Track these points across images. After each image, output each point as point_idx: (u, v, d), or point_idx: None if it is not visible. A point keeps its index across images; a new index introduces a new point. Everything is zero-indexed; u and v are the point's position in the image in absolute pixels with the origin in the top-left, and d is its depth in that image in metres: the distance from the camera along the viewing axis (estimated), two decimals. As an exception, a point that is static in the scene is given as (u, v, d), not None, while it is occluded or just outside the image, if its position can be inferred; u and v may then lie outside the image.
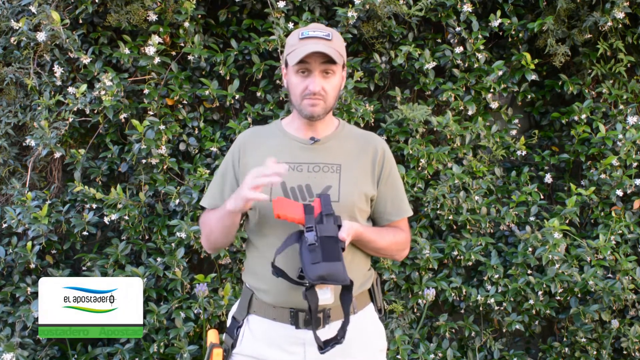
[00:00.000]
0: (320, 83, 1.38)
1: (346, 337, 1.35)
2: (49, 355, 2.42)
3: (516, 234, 2.56)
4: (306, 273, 1.24)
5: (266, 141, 1.51)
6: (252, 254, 1.50)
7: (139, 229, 2.43)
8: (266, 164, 1.30)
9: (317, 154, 1.47)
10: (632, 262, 2.48)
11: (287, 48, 1.44)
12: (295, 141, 1.48)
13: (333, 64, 1.39)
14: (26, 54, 2.41)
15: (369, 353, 1.50)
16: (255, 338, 1.44)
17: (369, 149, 1.51)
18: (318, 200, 1.35)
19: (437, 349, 2.54)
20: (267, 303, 1.43)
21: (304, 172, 1.44)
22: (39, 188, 2.54)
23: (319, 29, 1.41)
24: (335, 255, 1.25)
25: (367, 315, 1.52)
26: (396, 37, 2.51)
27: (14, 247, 2.40)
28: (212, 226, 1.48)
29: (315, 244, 1.26)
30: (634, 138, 2.48)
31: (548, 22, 2.43)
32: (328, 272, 1.23)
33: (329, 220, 1.30)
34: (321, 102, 1.40)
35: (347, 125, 1.58)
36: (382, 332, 1.56)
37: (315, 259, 1.24)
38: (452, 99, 2.54)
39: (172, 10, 2.37)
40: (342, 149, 1.49)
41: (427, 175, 2.53)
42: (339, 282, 1.25)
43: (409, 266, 2.53)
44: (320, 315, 1.40)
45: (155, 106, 2.41)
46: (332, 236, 1.28)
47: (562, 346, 2.63)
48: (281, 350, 1.42)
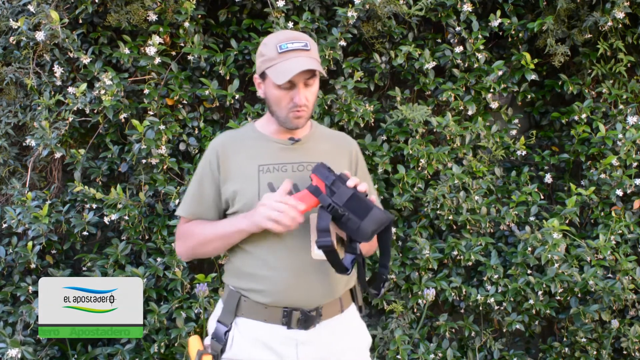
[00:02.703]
0: (304, 94, 1.39)
1: (335, 336, 1.43)
2: (49, 355, 2.42)
3: (516, 234, 2.56)
4: (358, 238, 1.28)
5: (246, 144, 1.49)
6: (240, 257, 1.47)
7: (139, 229, 2.43)
8: (284, 188, 1.32)
9: (298, 153, 1.48)
10: (632, 262, 2.48)
11: (263, 59, 1.40)
12: (275, 142, 1.48)
13: (314, 74, 1.39)
14: (26, 54, 2.41)
15: (356, 351, 1.51)
16: (247, 341, 1.43)
17: (344, 149, 1.56)
18: (314, 176, 1.35)
19: (437, 349, 2.54)
20: (260, 303, 1.42)
21: (289, 172, 1.44)
22: (39, 188, 2.54)
23: (297, 39, 1.39)
24: (366, 207, 1.28)
25: (352, 314, 1.54)
26: (396, 37, 2.51)
27: (14, 247, 2.40)
28: (206, 239, 1.44)
29: (345, 214, 1.28)
30: (634, 138, 2.48)
31: (548, 22, 2.43)
32: (374, 226, 1.27)
33: (337, 185, 1.31)
34: (305, 112, 1.42)
35: (319, 126, 1.60)
36: (366, 330, 1.58)
37: (355, 225, 1.27)
38: (452, 99, 2.54)
39: (172, 10, 2.37)
40: (319, 148, 1.51)
41: (427, 175, 2.53)
42: (387, 224, 1.30)
43: (409, 266, 2.53)
44: (314, 313, 1.41)
45: (155, 106, 2.41)
46: (351, 194, 1.30)
47: (562, 346, 2.63)
48: (273, 352, 1.41)
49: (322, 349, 1.43)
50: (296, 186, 1.42)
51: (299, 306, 1.40)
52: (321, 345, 1.43)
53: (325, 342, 1.44)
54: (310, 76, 1.38)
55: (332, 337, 1.45)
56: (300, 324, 1.40)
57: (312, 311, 1.41)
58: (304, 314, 1.40)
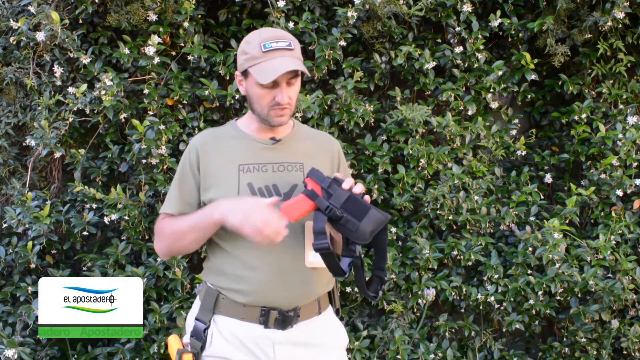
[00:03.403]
0: (287, 93, 1.39)
1: (314, 336, 1.45)
2: (49, 355, 2.42)
3: (516, 233, 2.56)
4: (357, 240, 1.28)
5: (226, 143, 1.48)
6: (218, 255, 1.46)
7: (139, 229, 2.43)
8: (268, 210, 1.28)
9: (279, 153, 1.47)
10: (632, 262, 2.48)
11: (246, 57, 1.39)
12: (257, 142, 1.47)
13: (297, 74, 1.39)
14: (26, 54, 2.41)
15: (333, 352, 1.51)
16: (225, 339, 1.43)
17: (326, 149, 1.55)
18: (309, 179, 1.34)
19: (437, 349, 2.54)
20: (237, 302, 1.41)
21: (269, 172, 1.43)
22: (39, 188, 2.54)
23: (281, 39, 1.38)
24: (363, 207, 1.28)
25: (330, 316, 1.55)
26: (396, 37, 2.51)
27: (14, 247, 2.40)
28: (181, 231, 1.41)
29: (343, 216, 1.28)
30: (634, 138, 2.48)
31: (548, 22, 2.43)
32: (373, 226, 1.27)
33: (333, 188, 1.31)
34: (287, 110, 1.41)
35: (301, 126, 1.59)
36: (344, 330, 1.58)
37: (354, 226, 1.27)
38: (452, 99, 2.54)
39: (172, 10, 2.37)
40: (301, 148, 1.50)
41: (427, 175, 2.53)
42: (385, 223, 1.30)
43: (409, 266, 2.53)
44: (292, 313, 1.41)
45: (155, 106, 2.41)
46: (348, 197, 1.29)
47: (562, 346, 2.63)
48: (249, 351, 1.41)
49: (298, 348, 1.43)
50: (276, 187, 1.42)
51: (277, 306, 1.40)
52: (298, 345, 1.43)
53: (302, 342, 1.44)
54: (293, 76, 1.38)
55: (309, 337, 1.46)
56: (277, 324, 1.41)
57: (289, 311, 1.41)
58: (282, 314, 1.40)
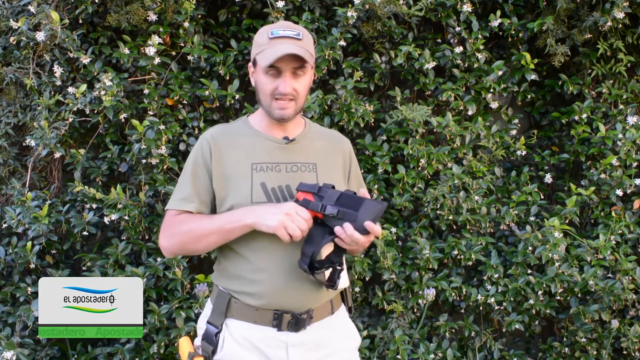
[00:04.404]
0: (291, 84, 1.37)
1: (327, 337, 1.44)
2: (49, 355, 2.42)
3: (516, 233, 2.56)
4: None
5: (239, 140, 1.46)
6: (231, 259, 1.44)
7: (139, 229, 2.43)
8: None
9: (293, 153, 1.46)
10: (632, 262, 2.48)
11: (255, 46, 1.40)
12: (270, 141, 1.46)
13: (304, 65, 1.37)
14: (26, 54, 2.41)
15: (346, 352, 1.51)
16: (238, 343, 1.41)
17: (338, 148, 1.55)
18: (300, 193, 1.35)
19: (437, 349, 2.54)
20: (250, 306, 1.40)
21: (283, 172, 1.42)
22: (39, 188, 2.54)
23: (289, 28, 1.37)
24: (357, 199, 1.28)
25: (343, 315, 1.54)
26: (396, 37, 2.51)
27: (14, 247, 2.40)
28: (202, 233, 1.37)
29: (340, 209, 1.28)
30: (634, 138, 2.48)
31: (548, 22, 2.43)
32: (371, 215, 1.26)
33: (324, 191, 1.32)
34: (292, 103, 1.39)
35: (313, 125, 1.57)
36: (355, 330, 1.58)
37: (352, 217, 1.26)
38: (452, 99, 2.54)
39: (172, 10, 2.37)
40: (314, 148, 1.49)
41: (427, 175, 2.53)
42: (383, 210, 1.29)
43: (409, 266, 2.53)
44: (305, 316, 1.41)
45: (155, 106, 2.41)
46: (339, 194, 1.30)
47: (562, 346, 2.63)
48: (263, 354, 1.40)
49: (312, 350, 1.43)
50: (289, 188, 1.41)
51: (290, 309, 1.39)
52: (311, 347, 1.43)
53: (315, 344, 1.43)
54: (299, 66, 1.36)
55: (322, 338, 1.45)
56: (290, 327, 1.39)
57: (303, 314, 1.40)
58: (295, 316, 1.39)
